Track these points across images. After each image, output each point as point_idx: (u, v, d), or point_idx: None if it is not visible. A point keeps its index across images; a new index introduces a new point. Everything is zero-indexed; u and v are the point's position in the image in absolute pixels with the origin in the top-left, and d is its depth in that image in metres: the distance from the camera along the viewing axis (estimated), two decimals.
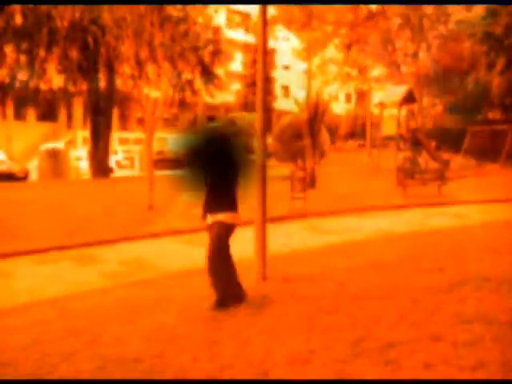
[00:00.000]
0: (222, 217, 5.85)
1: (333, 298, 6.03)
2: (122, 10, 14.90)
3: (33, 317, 6.22)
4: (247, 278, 7.15)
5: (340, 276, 7.15)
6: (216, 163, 5.88)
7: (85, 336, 5.30)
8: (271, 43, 33.44)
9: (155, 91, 19.12)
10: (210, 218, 5.93)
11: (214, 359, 4.52)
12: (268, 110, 6.93)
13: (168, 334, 5.19)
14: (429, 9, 39.28)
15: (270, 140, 22.43)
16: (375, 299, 5.84)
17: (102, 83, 25.57)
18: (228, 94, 44.16)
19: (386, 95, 29.00)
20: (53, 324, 5.79)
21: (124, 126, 50.29)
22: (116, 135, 33.35)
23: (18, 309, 6.90)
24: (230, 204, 5.94)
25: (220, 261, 5.81)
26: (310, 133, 20.49)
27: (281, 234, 11.18)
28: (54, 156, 26.34)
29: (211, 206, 5.93)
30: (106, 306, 6.40)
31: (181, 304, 6.20)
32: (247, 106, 45.72)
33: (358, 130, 55.15)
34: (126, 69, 17.30)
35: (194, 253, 10.50)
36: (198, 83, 27.24)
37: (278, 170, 18.80)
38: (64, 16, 21.63)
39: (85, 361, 4.64)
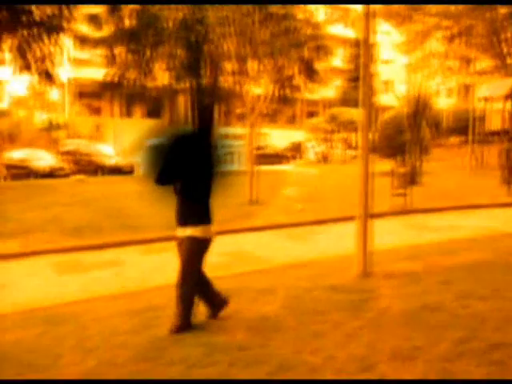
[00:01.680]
0: (192, 231, 5.24)
1: (436, 296, 5.94)
2: (226, 10, 15.24)
3: (143, 303, 6.52)
4: (348, 274, 7.19)
5: (443, 274, 7.01)
6: (188, 169, 5.19)
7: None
8: (372, 37, 32.88)
9: (256, 87, 19.39)
10: (180, 231, 5.33)
11: (317, 351, 4.58)
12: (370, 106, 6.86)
13: (272, 324, 5.31)
14: None
15: (370, 136, 22.10)
16: (480, 299, 5.70)
17: (205, 80, 26.22)
18: (328, 90, 43.89)
19: (491, 88, 27.76)
20: (161, 310, 6.03)
21: (225, 121, 51.26)
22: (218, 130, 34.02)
23: (129, 295, 7.27)
24: (203, 215, 5.30)
25: (189, 284, 5.30)
26: (411, 128, 20.07)
27: (381, 231, 10.99)
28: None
29: (181, 217, 5.29)
30: None
31: (284, 296, 6.30)
32: (347, 102, 45.31)
33: (460, 126, 53.17)
34: (228, 66, 17.64)
35: (295, 247, 10.65)
36: (298, 79, 27.30)
37: (379, 165, 18.56)
38: (170, 17, 22.37)
39: (192, 347, 4.82)
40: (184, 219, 5.25)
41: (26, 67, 22.25)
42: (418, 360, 4.23)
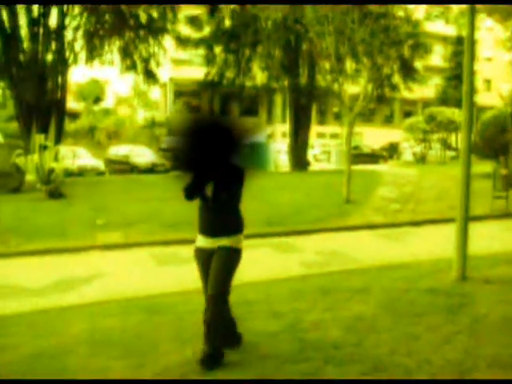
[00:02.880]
0: (229, 241, 4.61)
1: None
2: (325, 9, 15.22)
3: (237, 297, 6.63)
4: (445, 277, 7.03)
5: None
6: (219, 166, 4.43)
7: (285, 319, 5.57)
8: (475, 34, 31.77)
9: (354, 86, 19.24)
10: (210, 241, 4.63)
11: (412, 354, 4.54)
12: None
13: (367, 324, 5.30)
14: None
15: (472, 136, 21.39)
16: None
17: (303, 79, 26.32)
18: (426, 89, 42.79)
19: None
20: (255, 305, 6.15)
21: (321, 120, 51.19)
22: (314, 130, 34.07)
23: None
24: (239, 223, 4.78)
25: (224, 302, 4.54)
26: None
27: (481, 234, 10.67)
28: (256, 149, 27.58)
29: (214, 225, 4.64)
30: (305, 292, 6.65)
31: (379, 296, 6.26)
32: (446, 101, 43.98)
33: None
34: (326, 64, 17.63)
35: (391, 247, 10.50)
36: (397, 78, 26.82)
37: (479, 166, 17.93)
38: (269, 17, 22.65)
39: (286, 342, 4.90)
40: (219, 227, 4.59)
41: (132, 67, 23.27)
42: None
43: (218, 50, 26.68)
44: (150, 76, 24.06)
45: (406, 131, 38.26)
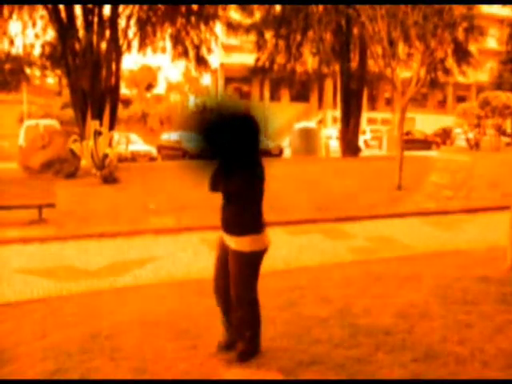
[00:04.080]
0: (236, 243, 4.19)
1: None
2: None
3: (288, 282, 6.71)
4: (499, 266, 6.91)
5: None
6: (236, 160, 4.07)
7: (336, 304, 5.57)
8: None
9: (406, 71, 18.92)
10: (225, 237, 4.30)
11: (465, 342, 4.49)
12: None
13: (418, 311, 5.25)
14: None
15: None
16: None
17: (354, 64, 26.03)
18: (481, 73, 41.67)
19: None
20: (306, 290, 6.17)
21: (372, 106, 50.57)
22: (365, 115, 33.71)
23: (276, 273, 7.50)
24: (255, 221, 4.25)
25: (249, 304, 4.27)
26: None
27: None
28: (306, 135, 27.56)
29: (224, 221, 4.28)
30: (355, 278, 6.64)
31: (431, 283, 6.20)
32: (501, 85, 42.71)
33: None
34: (377, 49, 17.38)
35: (442, 235, 10.37)
36: (451, 61, 26.25)
37: None
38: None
39: (337, 327, 4.90)
40: (230, 225, 4.22)
41: (184, 54, 23.50)
42: None
43: (268, 35, 26.62)
44: (201, 62, 24.25)
45: (459, 116, 37.38)
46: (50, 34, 22.31)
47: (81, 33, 20.21)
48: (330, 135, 32.74)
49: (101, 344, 4.77)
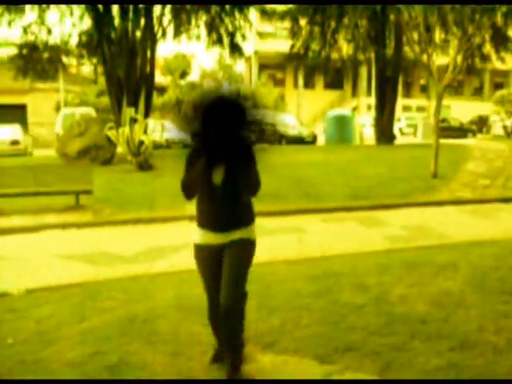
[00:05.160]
0: (245, 233, 3.83)
1: None
2: None
3: (324, 269, 6.71)
4: None
5: None
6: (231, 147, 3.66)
7: (372, 292, 5.58)
8: None
9: (443, 57, 18.62)
10: (220, 236, 3.81)
11: (501, 332, 4.46)
12: None
13: (454, 300, 5.23)
14: None
15: None
16: None
17: (389, 50, 25.68)
18: None
19: None
20: (342, 277, 6.18)
21: (407, 93, 49.92)
22: (400, 102, 33.30)
23: (311, 260, 7.52)
24: (252, 211, 3.96)
25: (245, 297, 3.94)
26: None
27: None
28: (340, 122, 27.38)
29: (225, 216, 3.78)
30: (391, 266, 6.61)
31: (467, 272, 6.14)
32: None
33: None
34: (414, 35, 17.13)
35: (479, 223, 10.25)
36: (488, 47, 25.67)
37: None
38: None
39: (372, 315, 4.92)
40: (236, 218, 3.81)
41: (218, 41, 23.49)
42: None
43: (303, 22, 26.40)
44: (235, 50, 24.19)
45: (496, 104, 36.74)
46: (87, 23, 22.48)
47: (116, 21, 20.35)
48: (365, 123, 32.44)
49: (138, 328, 4.86)
